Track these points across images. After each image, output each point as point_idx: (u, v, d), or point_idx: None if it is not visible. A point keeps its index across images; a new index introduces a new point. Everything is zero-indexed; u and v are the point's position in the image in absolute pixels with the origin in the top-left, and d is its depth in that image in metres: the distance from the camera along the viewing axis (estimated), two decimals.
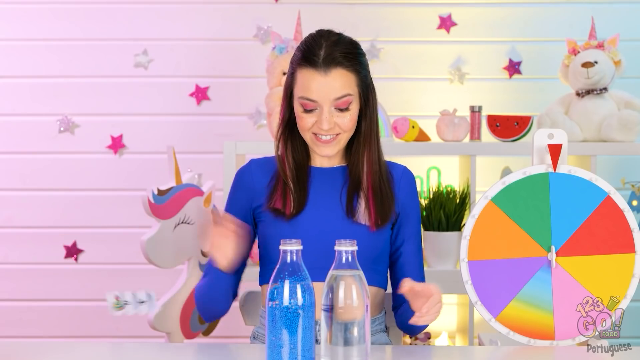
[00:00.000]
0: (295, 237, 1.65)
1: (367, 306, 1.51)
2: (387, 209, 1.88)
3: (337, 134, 1.87)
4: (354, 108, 1.87)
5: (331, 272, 1.51)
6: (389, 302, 2.04)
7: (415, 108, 3.35)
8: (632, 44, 3.30)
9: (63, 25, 3.38)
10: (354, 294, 1.49)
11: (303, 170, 1.92)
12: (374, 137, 1.91)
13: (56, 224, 3.38)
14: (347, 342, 1.49)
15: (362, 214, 1.87)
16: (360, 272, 1.52)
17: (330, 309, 1.49)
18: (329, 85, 1.83)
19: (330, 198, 1.91)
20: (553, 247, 1.76)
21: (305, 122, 1.86)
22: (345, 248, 1.52)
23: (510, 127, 3.00)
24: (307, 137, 1.89)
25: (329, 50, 1.84)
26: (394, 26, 3.36)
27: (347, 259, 1.51)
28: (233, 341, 3.36)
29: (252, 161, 2.00)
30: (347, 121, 1.85)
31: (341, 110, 1.85)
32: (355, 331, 1.49)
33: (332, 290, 1.50)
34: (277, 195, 1.89)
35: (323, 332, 1.50)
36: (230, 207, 1.97)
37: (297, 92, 1.87)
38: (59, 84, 3.38)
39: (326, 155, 1.89)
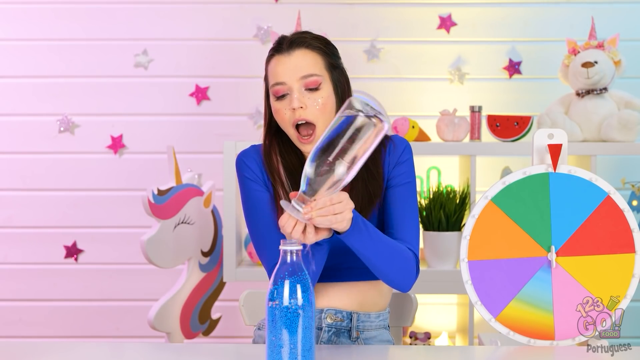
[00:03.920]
0: None
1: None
2: (373, 193, 1.82)
3: (314, 129, 1.81)
4: (326, 89, 1.83)
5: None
6: (392, 302, 2.03)
7: (415, 108, 3.35)
8: (632, 44, 3.30)
9: (63, 25, 3.38)
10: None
11: (296, 175, 1.85)
12: None
13: (56, 224, 3.38)
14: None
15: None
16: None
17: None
18: (293, 64, 1.81)
19: None
20: (553, 247, 1.76)
21: (281, 114, 1.82)
22: None
23: (510, 127, 3.00)
24: (292, 133, 1.83)
25: (293, 37, 1.85)
26: (394, 26, 3.36)
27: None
28: (233, 341, 3.36)
29: (250, 154, 1.91)
30: (319, 103, 1.81)
31: (311, 90, 1.81)
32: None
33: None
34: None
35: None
36: (257, 200, 1.87)
37: (269, 84, 1.85)
38: (59, 83, 3.38)
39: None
